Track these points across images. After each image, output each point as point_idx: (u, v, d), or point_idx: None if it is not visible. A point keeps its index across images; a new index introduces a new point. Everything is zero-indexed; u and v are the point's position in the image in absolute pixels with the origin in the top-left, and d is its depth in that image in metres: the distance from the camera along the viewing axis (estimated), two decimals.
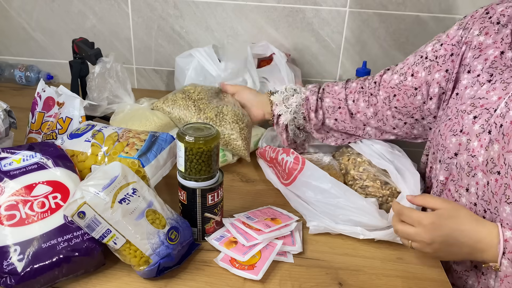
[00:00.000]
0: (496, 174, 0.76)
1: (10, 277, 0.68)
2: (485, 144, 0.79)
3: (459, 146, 0.84)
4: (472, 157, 0.81)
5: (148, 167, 0.84)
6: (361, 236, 0.86)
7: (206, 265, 0.80)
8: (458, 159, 0.84)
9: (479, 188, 0.80)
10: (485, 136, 0.79)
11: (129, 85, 1.11)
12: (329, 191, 0.88)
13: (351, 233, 0.87)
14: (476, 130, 0.81)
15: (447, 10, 1.40)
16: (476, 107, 0.83)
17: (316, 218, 0.89)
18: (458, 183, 0.85)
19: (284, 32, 1.48)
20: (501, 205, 0.75)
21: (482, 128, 0.80)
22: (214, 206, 0.83)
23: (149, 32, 1.51)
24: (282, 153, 0.97)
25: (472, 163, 0.81)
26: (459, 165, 0.84)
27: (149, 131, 0.93)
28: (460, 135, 0.84)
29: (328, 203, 0.88)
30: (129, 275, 0.77)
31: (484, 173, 0.79)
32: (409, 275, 0.81)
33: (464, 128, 0.83)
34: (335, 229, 0.88)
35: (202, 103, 1.08)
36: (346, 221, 0.88)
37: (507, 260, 0.71)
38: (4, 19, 1.53)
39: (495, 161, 0.77)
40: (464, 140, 0.83)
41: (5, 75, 1.54)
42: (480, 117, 0.81)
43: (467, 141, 0.82)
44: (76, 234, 0.74)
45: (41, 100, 1.07)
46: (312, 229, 0.89)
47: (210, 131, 0.80)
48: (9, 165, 0.78)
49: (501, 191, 0.75)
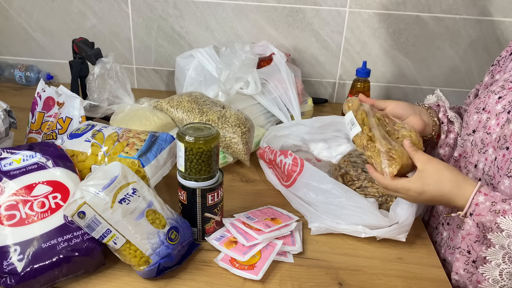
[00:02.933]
0: (505, 149, 0.78)
1: (10, 277, 0.68)
2: (501, 123, 0.81)
3: (479, 123, 0.86)
4: (487, 134, 0.83)
5: (148, 167, 0.84)
6: (363, 235, 0.86)
7: (206, 265, 0.80)
8: (474, 136, 0.87)
9: (486, 164, 0.82)
10: (504, 115, 0.82)
11: (129, 85, 1.11)
12: (330, 192, 0.88)
13: (353, 232, 0.87)
14: (497, 110, 0.84)
15: (447, 10, 1.40)
16: (504, 89, 0.85)
17: (318, 219, 0.89)
18: (469, 159, 0.87)
19: (284, 32, 1.48)
20: (502, 179, 0.77)
21: (503, 108, 0.83)
22: (214, 206, 0.83)
23: (149, 32, 1.51)
24: (280, 155, 0.96)
25: (485, 140, 0.84)
26: (474, 142, 0.87)
27: (149, 131, 0.93)
28: (482, 113, 0.86)
29: (330, 203, 0.88)
30: (129, 275, 0.77)
31: (495, 149, 0.81)
32: (409, 275, 0.81)
33: (487, 106, 0.86)
34: (336, 229, 0.88)
35: (206, 106, 1.08)
36: (348, 221, 0.88)
37: (472, 221, 0.75)
38: (4, 19, 1.54)
39: (506, 138, 0.79)
40: (484, 118, 0.85)
41: (5, 75, 1.54)
42: (504, 98, 0.84)
43: (486, 119, 0.85)
44: (76, 234, 0.73)
45: (41, 100, 1.07)
46: (314, 230, 0.89)
47: (210, 131, 0.80)
48: (9, 165, 0.78)
49: (506, 166, 0.77)
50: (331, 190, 0.88)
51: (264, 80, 1.28)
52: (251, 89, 1.23)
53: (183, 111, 1.07)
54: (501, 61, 0.96)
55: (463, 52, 1.47)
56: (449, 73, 1.51)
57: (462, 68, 1.50)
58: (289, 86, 1.29)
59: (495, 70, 0.97)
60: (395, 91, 1.56)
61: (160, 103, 1.10)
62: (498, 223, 0.71)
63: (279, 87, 1.29)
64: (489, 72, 0.99)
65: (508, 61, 0.94)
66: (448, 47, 1.47)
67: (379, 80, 1.54)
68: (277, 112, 1.28)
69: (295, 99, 1.29)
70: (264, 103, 1.26)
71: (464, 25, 1.43)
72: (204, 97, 1.12)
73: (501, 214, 0.71)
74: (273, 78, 1.29)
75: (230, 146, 1.05)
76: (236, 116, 1.07)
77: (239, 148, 1.05)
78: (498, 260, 0.72)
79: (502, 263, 0.72)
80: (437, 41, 1.46)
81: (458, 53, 1.48)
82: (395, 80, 1.54)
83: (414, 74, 1.52)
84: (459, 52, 1.48)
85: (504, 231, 0.71)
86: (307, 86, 1.55)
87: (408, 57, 1.49)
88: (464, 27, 1.43)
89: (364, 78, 1.35)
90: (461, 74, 1.51)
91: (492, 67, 0.98)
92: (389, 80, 1.54)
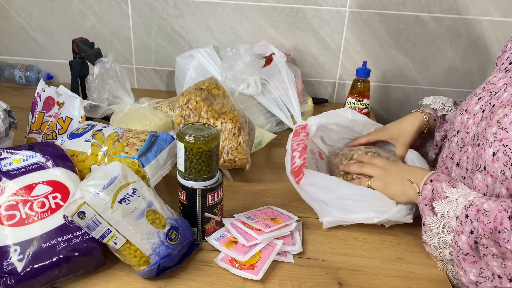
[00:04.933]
0: (477, 146, 0.81)
1: (10, 277, 0.68)
2: (477, 122, 0.85)
3: (461, 124, 0.90)
4: (466, 134, 0.87)
5: (148, 167, 0.84)
6: (375, 220, 0.87)
7: (206, 265, 0.80)
8: (458, 137, 0.90)
9: (468, 162, 0.85)
10: (479, 114, 0.85)
11: (129, 85, 1.11)
12: (337, 188, 0.89)
13: (365, 220, 0.87)
14: (475, 110, 0.87)
15: (447, 10, 1.40)
16: (484, 90, 0.89)
17: (329, 214, 0.90)
18: (452, 159, 0.91)
19: (284, 32, 1.48)
20: (475, 174, 0.80)
21: (480, 108, 0.86)
22: (214, 206, 0.83)
23: (149, 32, 1.51)
24: (298, 151, 0.96)
25: (465, 139, 0.87)
26: (457, 142, 0.90)
27: (149, 131, 0.93)
28: (464, 113, 0.90)
29: (341, 197, 0.89)
30: (129, 275, 0.77)
31: (472, 147, 0.84)
32: (409, 275, 0.81)
33: (469, 107, 0.90)
34: (348, 220, 0.88)
35: None
36: (360, 212, 0.89)
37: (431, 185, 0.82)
38: (4, 19, 1.54)
39: (479, 135, 0.82)
40: (465, 119, 0.89)
41: (5, 75, 1.54)
42: (482, 99, 0.87)
43: (466, 120, 0.89)
44: (76, 234, 0.73)
45: (41, 100, 1.07)
46: (326, 223, 0.89)
47: (210, 131, 0.80)
48: (9, 165, 0.78)
49: (478, 162, 0.80)
50: (338, 187, 0.89)
51: (264, 80, 1.28)
52: (251, 89, 1.23)
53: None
54: (498, 61, 0.98)
55: (463, 52, 1.47)
56: (449, 73, 1.51)
57: (462, 68, 1.50)
58: (289, 86, 1.29)
59: (495, 70, 0.99)
60: (395, 91, 1.56)
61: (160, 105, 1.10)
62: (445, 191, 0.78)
63: (279, 87, 1.29)
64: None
65: (503, 61, 0.95)
66: (448, 47, 1.47)
67: (379, 80, 1.54)
68: (278, 112, 1.28)
69: (295, 99, 1.29)
70: (264, 103, 1.26)
71: (464, 25, 1.43)
72: None
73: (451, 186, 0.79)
74: (273, 78, 1.29)
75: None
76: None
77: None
78: (438, 229, 0.78)
79: (440, 232, 0.78)
80: (437, 41, 1.46)
81: (458, 53, 1.48)
82: (395, 80, 1.54)
83: (414, 74, 1.52)
84: (459, 52, 1.48)
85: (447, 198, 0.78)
86: (307, 86, 1.55)
87: (408, 57, 1.49)
88: (464, 27, 1.43)
89: (364, 78, 1.35)
90: (461, 74, 1.51)
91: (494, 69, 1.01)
92: (389, 80, 1.54)
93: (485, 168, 0.78)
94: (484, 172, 0.78)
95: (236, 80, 1.22)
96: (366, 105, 1.35)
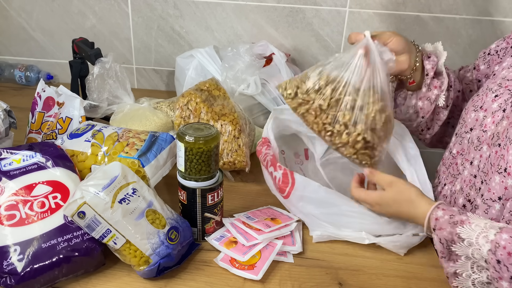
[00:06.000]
0: (497, 146, 0.79)
1: (10, 277, 0.68)
2: (497, 121, 0.83)
3: (476, 121, 0.87)
4: (483, 132, 0.84)
5: (148, 167, 0.84)
6: (366, 241, 0.85)
7: (206, 265, 0.80)
8: (471, 134, 0.88)
9: (481, 160, 0.83)
10: (499, 113, 0.83)
11: (129, 85, 1.11)
12: (327, 201, 0.86)
13: (355, 239, 0.85)
14: (493, 108, 0.85)
15: (447, 10, 1.40)
16: (501, 87, 0.86)
17: (319, 226, 0.87)
18: (465, 156, 0.88)
19: (284, 32, 1.48)
20: (493, 175, 0.78)
21: (499, 106, 0.84)
22: (214, 206, 0.83)
23: (149, 32, 1.51)
24: (270, 166, 0.90)
25: (481, 138, 0.85)
26: (470, 140, 0.88)
27: (149, 131, 0.93)
28: (479, 110, 0.88)
29: (331, 212, 0.86)
30: (129, 275, 0.77)
31: (489, 146, 0.82)
32: (409, 275, 0.81)
33: (484, 104, 0.87)
34: (339, 236, 0.86)
35: None
36: (350, 228, 0.86)
37: (436, 236, 0.75)
38: (4, 19, 1.53)
39: (499, 135, 0.80)
40: (481, 116, 0.86)
41: (5, 75, 1.53)
42: (500, 96, 0.85)
43: (483, 117, 0.86)
44: (76, 234, 0.74)
45: (41, 100, 1.07)
46: (315, 238, 0.87)
47: (210, 131, 0.80)
48: (9, 165, 0.78)
49: (497, 162, 0.78)
50: (328, 199, 0.86)
51: (264, 80, 1.28)
52: (251, 89, 1.23)
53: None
54: (501, 52, 0.95)
55: (463, 52, 1.47)
56: None
57: None
58: None
59: (492, 60, 0.97)
60: None
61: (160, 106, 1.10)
62: (459, 233, 0.71)
63: None
64: (484, 61, 1.00)
65: (508, 55, 0.94)
66: (448, 47, 1.47)
67: None
68: None
69: None
70: (264, 103, 1.26)
71: (464, 25, 1.43)
72: None
73: (459, 225, 0.71)
74: (273, 78, 1.29)
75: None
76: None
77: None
78: (468, 271, 0.71)
79: (472, 274, 0.71)
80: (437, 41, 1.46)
81: (458, 53, 1.48)
82: None
83: None
84: (459, 52, 1.47)
85: (465, 240, 0.70)
86: None
87: None
88: (464, 27, 1.43)
89: None
90: None
91: (489, 57, 0.98)
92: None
93: (506, 170, 0.75)
94: (504, 174, 0.76)
95: (237, 80, 1.22)
96: None
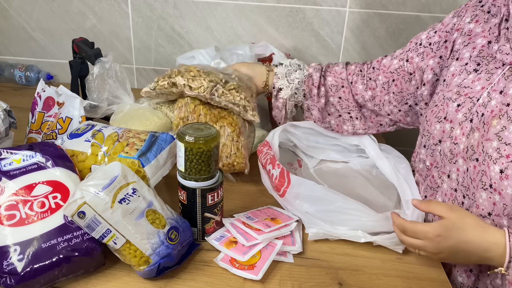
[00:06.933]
0: (475, 161, 0.78)
1: (10, 277, 0.68)
2: (466, 132, 0.82)
3: (443, 133, 0.86)
4: (455, 145, 0.83)
5: (148, 167, 0.84)
6: (362, 240, 0.85)
7: (206, 265, 0.80)
8: (442, 146, 0.87)
9: (459, 174, 0.82)
10: (467, 124, 0.82)
11: (129, 85, 1.11)
12: (324, 198, 0.86)
13: (352, 237, 0.85)
14: (459, 118, 0.83)
15: (447, 10, 1.40)
16: (460, 95, 0.85)
17: (315, 224, 0.87)
18: (441, 169, 0.87)
19: (284, 32, 1.48)
20: (478, 191, 0.77)
21: (464, 117, 0.83)
22: (214, 206, 0.83)
23: (149, 32, 1.51)
24: (269, 164, 0.93)
25: (454, 150, 0.84)
26: (442, 152, 0.87)
27: (149, 131, 0.93)
28: (444, 122, 0.86)
29: (326, 210, 0.86)
30: (129, 275, 0.77)
31: (464, 160, 0.81)
32: (409, 275, 0.81)
33: (448, 115, 0.86)
34: (335, 234, 0.86)
35: None
36: (347, 226, 0.86)
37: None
38: (4, 19, 1.53)
39: (474, 149, 0.79)
40: (448, 128, 0.85)
41: (5, 75, 1.54)
42: (463, 106, 0.83)
43: (450, 129, 0.85)
44: (76, 234, 0.73)
45: (41, 100, 1.07)
46: (311, 236, 0.87)
47: (210, 131, 0.80)
48: (9, 165, 0.78)
49: (478, 178, 0.77)
50: (324, 196, 0.86)
51: None
52: None
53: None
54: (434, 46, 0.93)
55: None
56: None
57: None
58: None
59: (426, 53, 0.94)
60: None
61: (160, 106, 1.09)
62: None
63: None
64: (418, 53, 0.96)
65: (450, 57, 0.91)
66: None
67: None
68: None
69: None
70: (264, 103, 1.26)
71: None
72: None
73: None
74: None
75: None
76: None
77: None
78: None
79: None
80: None
81: None
82: None
83: None
84: None
85: None
86: None
87: None
88: None
89: None
90: None
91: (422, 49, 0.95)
92: None
93: (491, 186, 0.74)
94: (490, 190, 0.75)
95: None
96: None
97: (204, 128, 0.82)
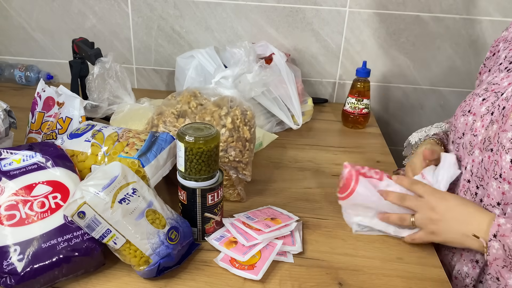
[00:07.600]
0: (489, 151, 0.79)
1: (10, 277, 0.68)
2: (486, 124, 0.83)
3: (466, 126, 0.88)
4: (474, 136, 0.85)
5: (148, 167, 0.84)
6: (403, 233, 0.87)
7: (206, 265, 0.80)
8: (464, 139, 0.88)
9: (474, 165, 0.83)
10: (488, 117, 0.83)
11: (129, 85, 1.11)
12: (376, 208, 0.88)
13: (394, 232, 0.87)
14: (481, 112, 0.85)
15: (447, 10, 1.40)
16: (487, 91, 0.87)
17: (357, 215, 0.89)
18: (462, 163, 0.88)
19: (284, 32, 1.48)
20: (490, 181, 0.78)
21: (487, 110, 0.84)
22: (214, 206, 0.83)
23: (149, 32, 1.51)
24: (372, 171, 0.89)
25: (473, 142, 0.85)
26: (464, 145, 0.88)
27: (149, 131, 0.93)
28: (468, 115, 0.88)
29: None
30: (129, 275, 0.77)
31: (481, 151, 0.82)
32: (409, 275, 0.81)
33: (472, 108, 0.87)
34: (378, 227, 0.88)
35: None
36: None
37: (498, 243, 0.73)
38: (4, 19, 1.54)
39: (491, 139, 0.80)
40: (470, 120, 0.87)
41: (5, 75, 1.54)
42: (487, 100, 0.85)
43: (472, 121, 0.86)
44: (76, 234, 0.73)
45: (41, 100, 1.07)
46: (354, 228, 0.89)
47: (210, 131, 0.80)
48: (9, 165, 0.78)
49: (491, 168, 0.78)
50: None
51: None
52: None
53: None
54: (486, 62, 0.97)
55: (463, 52, 1.47)
56: (449, 73, 1.51)
57: (462, 68, 1.50)
58: (289, 86, 1.29)
59: (482, 70, 1.00)
60: (395, 91, 1.56)
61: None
62: None
63: (279, 87, 1.29)
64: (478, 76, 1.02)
65: (492, 61, 0.95)
66: (448, 47, 1.47)
67: (379, 80, 1.54)
68: (278, 112, 1.28)
69: (295, 99, 1.29)
70: (264, 103, 1.26)
71: (464, 25, 1.43)
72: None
73: None
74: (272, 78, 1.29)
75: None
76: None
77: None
78: None
79: None
80: (437, 41, 1.46)
81: (458, 53, 1.48)
82: (395, 80, 1.54)
83: (414, 74, 1.52)
84: (459, 52, 1.48)
85: None
86: (307, 86, 1.55)
87: (408, 57, 1.50)
88: (464, 27, 1.43)
89: (364, 78, 1.35)
90: (461, 74, 1.51)
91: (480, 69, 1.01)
92: (389, 80, 1.54)
93: (501, 176, 0.76)
94: (499, 179, 0.76)
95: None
96: (366, 105, 1.36)
97: (204, 128, 0.82)
